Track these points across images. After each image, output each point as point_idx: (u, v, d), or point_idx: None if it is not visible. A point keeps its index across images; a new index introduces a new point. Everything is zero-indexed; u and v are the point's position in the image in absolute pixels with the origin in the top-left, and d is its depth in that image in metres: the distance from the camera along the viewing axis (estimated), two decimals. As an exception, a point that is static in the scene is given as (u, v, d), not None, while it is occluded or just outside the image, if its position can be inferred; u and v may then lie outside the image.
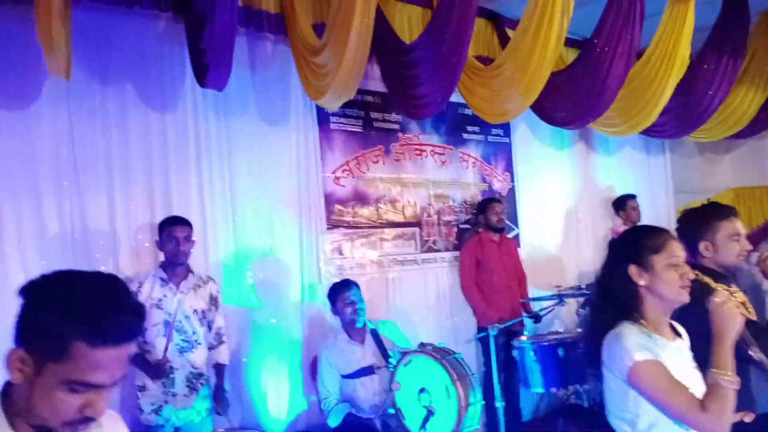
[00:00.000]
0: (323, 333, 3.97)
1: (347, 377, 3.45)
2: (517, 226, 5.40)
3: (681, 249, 1.87)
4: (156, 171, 3.60)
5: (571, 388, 4.37)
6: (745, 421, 1.81)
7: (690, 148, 6.94)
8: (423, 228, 4.80)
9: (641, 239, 1.85)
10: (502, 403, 3.88)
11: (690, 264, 2.28)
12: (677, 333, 1.90)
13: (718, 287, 2.26)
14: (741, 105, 5.49)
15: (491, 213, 4.77)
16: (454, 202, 5.02)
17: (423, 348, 3.38)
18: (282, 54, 4.07)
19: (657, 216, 6.34)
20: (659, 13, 4.36)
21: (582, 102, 4.71)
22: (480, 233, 4.85)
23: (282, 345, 3.98)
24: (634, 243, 1.86)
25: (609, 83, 4.41)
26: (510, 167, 5.44)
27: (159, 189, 3.60)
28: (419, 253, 4.74)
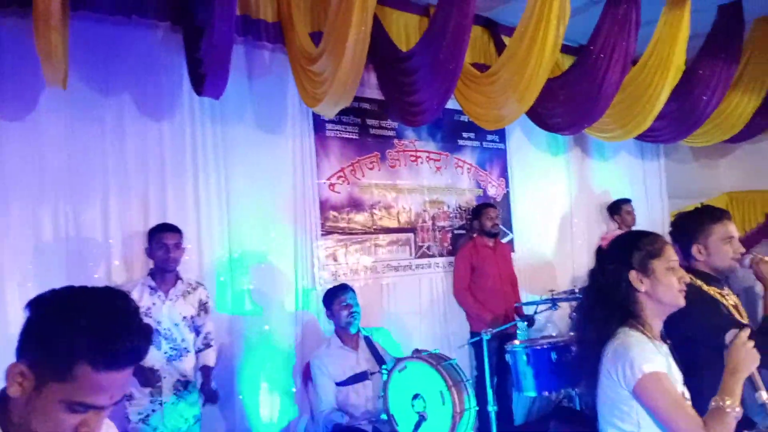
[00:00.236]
0: (317, 340, 4.00)
1: (340, 384, 3.46)
2: (512, 231, 5.44)
3: (675, 252, 1.88)
4: (152, 179, 3.63)
5: (564, 391, 4.39)
6: None
7: (685, 152, 6.98)
8: (418, 234, 4.82)
9: (640, 245, 1.83)
10: (494, 408, 3.91)
11: (683, 267, 2.32)
12: (663, 337, 1.90)
13: (710, 290, 2.30)
14: (736, 110, 5.52)
15: (486, 218, 4.80)
16: (449, 207, 5.05)
17: (418, 354, 3.40)
18: (279, 62, 4.10)
19: (652, 220, 6.38)
20: (655, 20, 4.39)
21: (578, 108, 4.73)
22: (475, 238, 4.88)
23: (275, 352, 4.01)
24: (632, 249, 1.83)
25: (604, 89, 4.44)
26: (505, 173, 5.47)
27: (154, 197, 3.62)
28: (414, 259, 4.77)
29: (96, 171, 3.46)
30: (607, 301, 1.81)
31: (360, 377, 3.47)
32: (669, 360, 1.78)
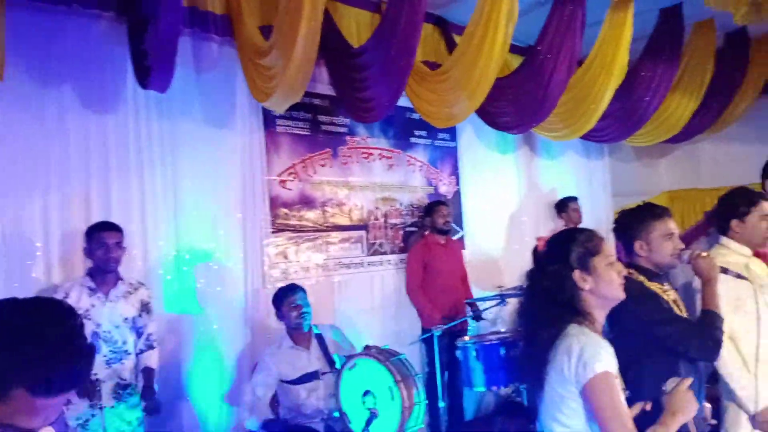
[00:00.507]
0: (267, 339, 3.94)
1: (292, 383, 3.42)
2: (463, 228, 5.50)
3: (611, 247, 1.90)
4: (95, 175, 3.49)
5: (512, 386, 4.47)
6: (646, 410, 1.85)
7: (628, 152, 7.22)
8: (370, 231, 4.82)
9: (579, 243, 1.83)
10: (444, 403, 3.94)
11: (626, 263, 2.37)
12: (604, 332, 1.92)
13: (652, 286, 2.37)
14: (675, 111, 5.73)
15: (438, 216, 4.84)
16: (401, 205, 5.06)
17: (368, 351, 3.39)
18: (228, 55, 4.01)
19: (597, 218, 6.56)
20: (599, 22, 4.50)
21: (526, 107, 4.82)
22: (426, 236, 4.92)
23: (224, 352, 3.94)
24: (572, 248, 1.83)
25: (551, 89, 4.54)
26: (456, 171, 5.52)
27: (97, 193, 3.49)
28: (366, 256, 4.76)
29: (35, 166, 3.30)
30: (554, 302, 1.80)
31: (311, 376, 3.44)
32: (614, 358, 1.78)
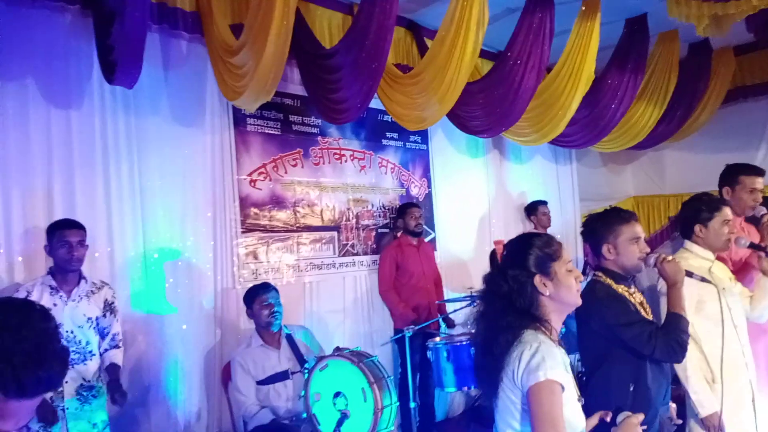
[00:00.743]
0: (237, 339, 3.90)
1: (261, 383, 3.38)
2: (434, 230, 5.53)
3: (568, 253, 1.91)
4: (58, 171, 3.39)
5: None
6: (606, 421, 1.85)
7: (595, 158, 7.37)
8: (342, 232, 4.81)
9: (539, 248, 1.81)
10: (415, 404, 3.94)
11: (593, 266, 2.39)
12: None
13: (619, 288, 2.41)
14: (641, 119, 5.88)
15: (410, 217, 4.85)
16: (372, 206, 5.07)
17: (339, 352, 3.37)
18: (197, 53, 3.97)
19: (565, 221, 6.67)
20: (568, 31, 4.61)
21: (495, 111, 4.88)
22: (399, 237, 4.93)
23: (194, 352, 3.87)
24: (532, 253, 1.81)
25: (521, 94, 4.62)
26: (427, 173, 5.55)
27: (61, 190, 3.40)
28: (337, 257, 4.75)
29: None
30: (513, 307, 1.77)
31: (281, 376, 3.41)
32: (567, 367, 1.77)
